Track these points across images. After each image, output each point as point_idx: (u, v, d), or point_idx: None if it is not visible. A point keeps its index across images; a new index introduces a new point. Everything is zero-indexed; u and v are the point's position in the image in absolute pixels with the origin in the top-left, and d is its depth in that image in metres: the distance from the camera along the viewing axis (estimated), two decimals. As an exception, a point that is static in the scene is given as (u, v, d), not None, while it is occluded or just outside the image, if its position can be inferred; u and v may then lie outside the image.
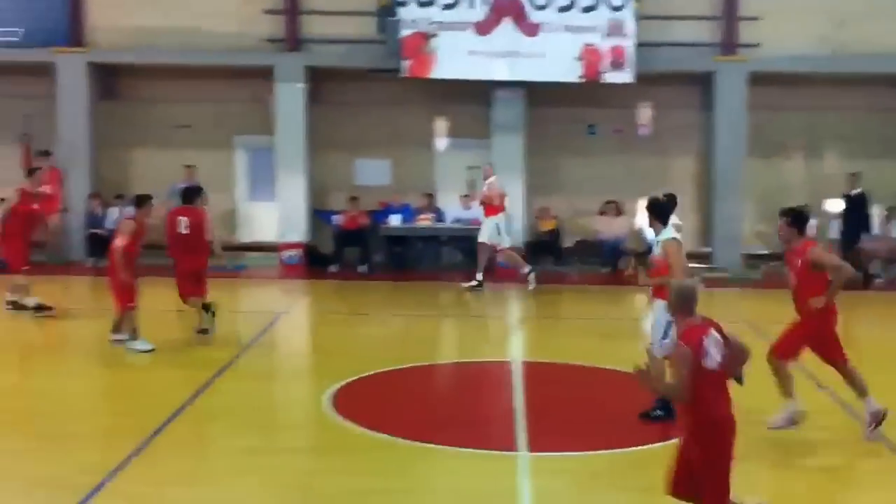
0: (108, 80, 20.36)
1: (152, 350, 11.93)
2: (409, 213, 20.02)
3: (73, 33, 19.49)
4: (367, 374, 11.35)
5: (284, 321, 15.19)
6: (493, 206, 17.34)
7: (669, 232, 9.19)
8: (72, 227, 19.45)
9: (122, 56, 19.81)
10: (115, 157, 20.20)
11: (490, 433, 9.09)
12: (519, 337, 14.77)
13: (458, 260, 19.91)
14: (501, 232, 17.43)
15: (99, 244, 18.68)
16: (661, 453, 7.34)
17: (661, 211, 9.34)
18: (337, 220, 19.84)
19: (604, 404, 10.17)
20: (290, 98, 19.53)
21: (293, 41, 19.73)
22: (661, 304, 8.85)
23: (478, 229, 17.73)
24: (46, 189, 16.91)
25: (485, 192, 17.44)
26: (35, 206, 14.44)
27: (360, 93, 20.56)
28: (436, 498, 7.71)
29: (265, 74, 19.47)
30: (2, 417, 9.66)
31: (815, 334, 8.80)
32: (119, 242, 12.01)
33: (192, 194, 13.23)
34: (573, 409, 9.89)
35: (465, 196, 19.32)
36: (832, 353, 8.88)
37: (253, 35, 19.74)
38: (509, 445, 8.62)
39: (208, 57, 19.52)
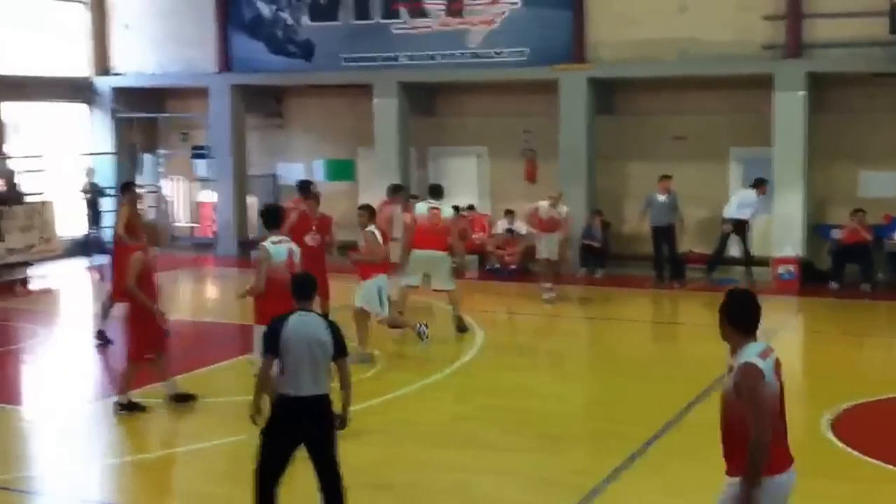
0: (607, 94, 20.88)
1: None
2: (918, 228, 18.43)
3: (576, 50, 20.23)
4: (868, 399, 10.62)
5: (778, 338, 14.61)
6: None
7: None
8: (572, 237, 19.76)
9: (622, 70, 20.15)
10: (610, 170, 20.68)
11: None
12: None
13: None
14: None
15: (591, 254, 19.53)
16: None
17: None
18: (836, 234, 18.77)
19: None
20: (789, 107, 18.73)
21: (794, 47, 18.93)
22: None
23: None
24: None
25: None
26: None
27: (866, 99, 19.25)
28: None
29: (763, 83, 18.87)
30: (511, 416, 10.30)
31: None
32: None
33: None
34: None
35: None
36: None
37: (750, 43, 19.23)
38: None
39: (706, 67, 19.31)
